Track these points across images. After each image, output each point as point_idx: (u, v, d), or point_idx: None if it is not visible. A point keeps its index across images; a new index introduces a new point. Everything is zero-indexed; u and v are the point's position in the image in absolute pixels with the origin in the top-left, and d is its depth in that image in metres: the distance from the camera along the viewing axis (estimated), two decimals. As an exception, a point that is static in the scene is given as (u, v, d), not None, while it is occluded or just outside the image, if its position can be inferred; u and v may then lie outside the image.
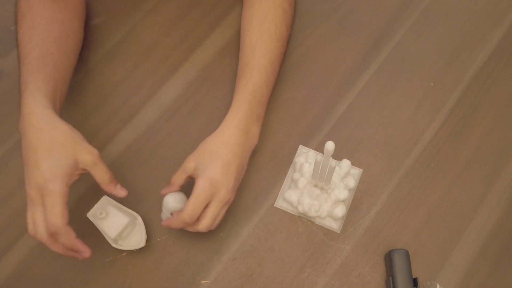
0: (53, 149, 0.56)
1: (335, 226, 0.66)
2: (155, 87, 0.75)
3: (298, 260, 0.64)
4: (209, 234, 0.66)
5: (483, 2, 0.80)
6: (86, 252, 0.57)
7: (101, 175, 0.58)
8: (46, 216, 0.54)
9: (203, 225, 0.59)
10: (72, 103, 0.74)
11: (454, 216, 0.66)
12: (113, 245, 0.62)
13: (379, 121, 0.72)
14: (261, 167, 0.69)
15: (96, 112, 0.73)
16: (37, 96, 0.58)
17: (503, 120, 0.72)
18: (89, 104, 0.74)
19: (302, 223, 0.66)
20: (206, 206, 0.59)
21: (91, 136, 0.71)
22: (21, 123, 0.58)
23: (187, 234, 0.66)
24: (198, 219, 0.59)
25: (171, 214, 0.62)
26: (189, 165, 0.61)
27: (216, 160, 0.59)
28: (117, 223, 0.62)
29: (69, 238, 0.55)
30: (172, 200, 0.61)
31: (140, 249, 0.65)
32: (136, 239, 0.64)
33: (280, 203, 0.67)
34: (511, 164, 0.69)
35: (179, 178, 0.62)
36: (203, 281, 0.64)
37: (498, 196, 0.67)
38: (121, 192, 0.60)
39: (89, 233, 0.66)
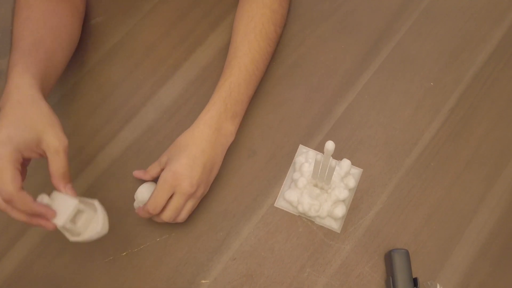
0: (21, 119, 0.53)
1: (335, 226, 0.66)
2: (155, 87, 0.75)
3: (298, 260, 0.64)
4: (209, 234, 0.66)
5: (483, 2, 0.80)
6: (50, 213, 0.53)
7: (57, 166, 0.55)
8: None
9: (165, 215, 0.61)
10: (72, 103, 0.74)
11: (454, 216, 0.66)
12: (71, 239, 0.56)
13: (379, 121, 0.72)
14: (261, 167, 0.69)
15: (96, 112, 0.73)
16: (25, 75, 0.57)
17: (503, 120, 0.72)
18: (89, 104, 0.74)
19: (302, 223, 0.66)
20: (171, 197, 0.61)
21: (91, 136, 0.71)
22: (2, 98, 0.56)
23: (187, 234, 0.66)
24: (162, 209, 0.61)
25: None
26: (163, 158, 0.64)
27: (183, 154, 0.61)
28: (63, 208, 0.54)
29: (24, 203, 0.52)
30: (144, 191, 0.64)
31: (140, 249, 0.65)
32: (94, 226, 0.57)
33: (280, 203, 0.67)
34: (511, 164, 0.69)
35: (153, 169, 0.65)
36: (203, 281, 0.64)
37: (498, 196, 0.67)
38: (70, 192, 0.56)
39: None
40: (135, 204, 0.65)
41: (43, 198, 0.54)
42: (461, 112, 0.72)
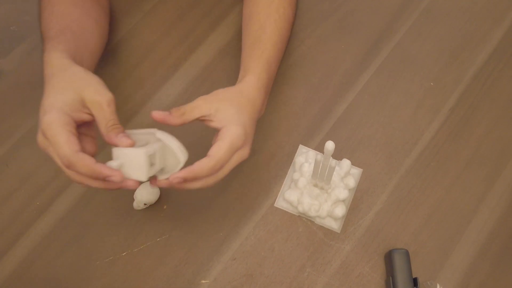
0: (57, 87, 0.52)
1: (335, 226, 0.66)
2: (155, 87, 0.75)
3: (298, 260, 0.64)
4: (209, 234, 0.66)
5: (483, 2, 0.80)
6: (115, 174, 0.49)
7: (104, 121, 0.52)
8: (56, 151, 0.49)
9: (222, 174, 0.54)
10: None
11: (454, 216, 0.66)
12: (160, 178, 0.52)
13: (379, 121, 0.72)
14: (261, 167, 0.69)
15: (96, 112, 0.73)
16: (52, 52, 0.56)
17: (503, 120, 0.72)
18: (89, 104, 0.74)
19: (302, 223, 0.66)
20: None
21: (91, 136, 0.71)
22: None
23: (187, 234, 0.66)
24: None
25: (145, 204, 0.65)
26: (209, 106, 0.55)
27: (244, 113, 0.56)
28: (135, 162, 0.49)
29: (85, 165, 0.48)
30: (143, 191, 0.63)
31: (140, 249, 0.65)
32: (171, 158, 0.52)
33: (280, 203, 0.67)
34: (511, 164, 0.69)
35: (191, 114, 0.55)
36: (203, 281, 0.64)
37: (498, 196, 0.67)
38: (123, 141, 0.51)
39: (86, 233, 0.66)
40: (135, 204, 0.65)
41: (111, 165, 0.50)
42: (461, 112, 0.72)
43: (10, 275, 0.64)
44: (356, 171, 0.68)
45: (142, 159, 0.49)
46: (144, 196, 0.64)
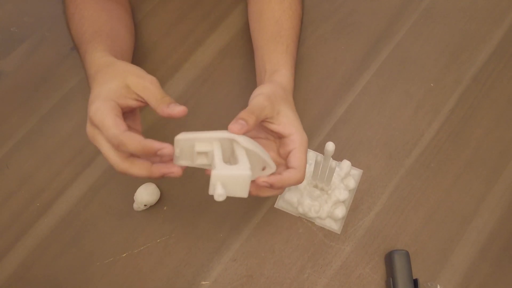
0: (102, 80, 0.54)
1: (335, 227, 0.66)
2: (155, 88, 0.75)
3: (298, 261, 0.64)
4: (209, 235, 0.66)
5: (483, 2, 0.80)
6: (167, 147, 0.49)
7: (153, 99, 0.52)
8: (104, 135, 0.50)
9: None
10: (73, 103, 0.74)
11: (454, 217, 0.66)
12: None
13: (379, 121, 0.72)
14: (261, 168, 0.69)
15: (96, 113, 0.73)
16: (94, 52, 0.59)
17: (503, 121, 0.72)
18: (89, 105, 0.74)
19: (302, 224, 0.66)
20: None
21: (91, 137, 0.71)
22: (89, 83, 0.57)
23: (187, 235, 0.66)
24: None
25: (145, 205, 0.65)
26: (273, 107, 0.55)
27: (297, 114, 0.57)
28: (238, 183, 0.47)
29: (134, 142, 0.48)
30: (143, 192, 0.64)
31: (140, 250, 0.65)
32: (254, 161, 0.50)
33: (280, 204, 0.67)
34: (511, 164, 0.69)
35: (260, 117, 0.53)
36: (204, 282, 0.64)
37: (498, 197, 0.67)
38: (175, 109, 0.50)
39: (86, 234, 0.66)
40: (135, 206, 0.65)
41: (216, 192, 0.46)
42: (461, 113, 0.72)
43: (10, 276, 0.64)
44: (356, 172, 0.68)
45: (248, 181, 0.47)
46: (144, 197, 0.64)
